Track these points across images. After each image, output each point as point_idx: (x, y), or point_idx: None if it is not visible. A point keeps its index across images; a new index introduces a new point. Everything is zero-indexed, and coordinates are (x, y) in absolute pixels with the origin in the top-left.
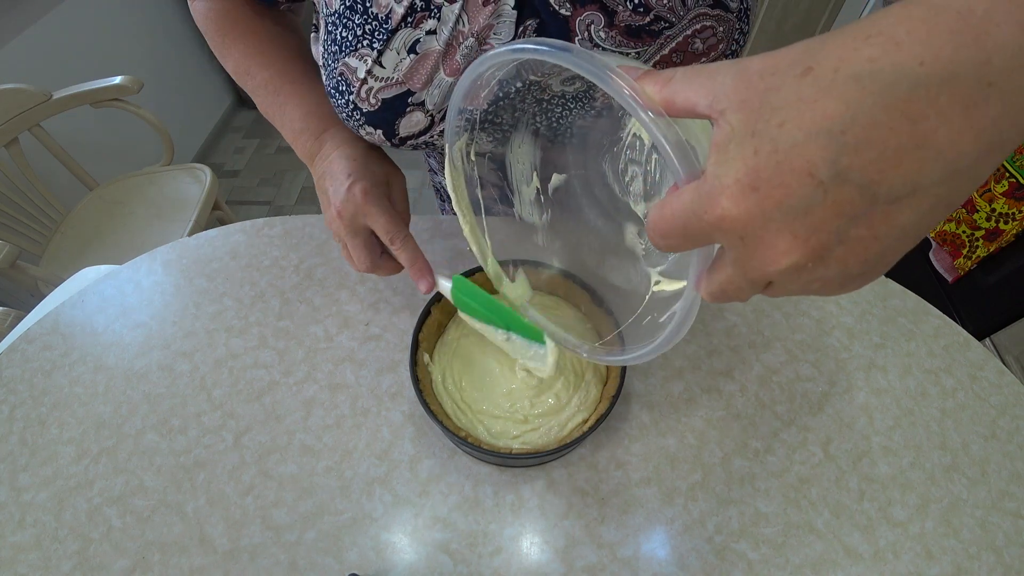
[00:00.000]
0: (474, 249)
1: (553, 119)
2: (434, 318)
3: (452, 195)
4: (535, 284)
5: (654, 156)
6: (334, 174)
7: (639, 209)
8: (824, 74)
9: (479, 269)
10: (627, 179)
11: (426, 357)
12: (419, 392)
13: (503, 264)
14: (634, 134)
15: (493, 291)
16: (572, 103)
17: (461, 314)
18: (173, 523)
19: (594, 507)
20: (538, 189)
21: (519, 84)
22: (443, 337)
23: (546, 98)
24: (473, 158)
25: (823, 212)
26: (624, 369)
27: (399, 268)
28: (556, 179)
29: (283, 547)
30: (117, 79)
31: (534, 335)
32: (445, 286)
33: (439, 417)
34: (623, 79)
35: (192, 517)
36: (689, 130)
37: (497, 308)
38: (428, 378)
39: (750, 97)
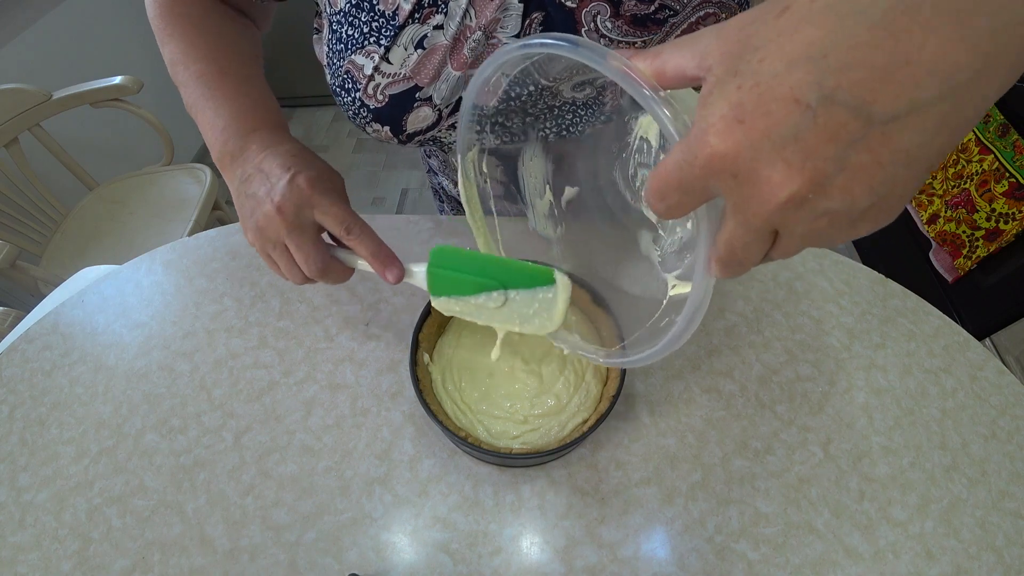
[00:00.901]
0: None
1: (563, 126)
2: (434, 318)
3: (466, 207)
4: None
5: (662, 156)
6: (267, 172)
7: (651, 214)
8: (800, 8)
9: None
10: (638, 184)
11: (426, 357)
12: (419, 392)
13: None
14: (641, 136)
15: None
16: (582, 110)
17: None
18: (173, 523)
19: (594, 507)
20: (551, 202)
21: (531, 88)
22: (443, 337)
23: (557, 104)
24: (485, 170)
25: (814, 137)
26: (624, 370)
27: (350, 272)
28: (569, 192)
29: (283, 547)
30: (117, 79)
31: (536, 277)
32: (417, 271)
33: (439, 417)
34: (616, 58)
35: (192, 517)
36: (684, 103)
37: (487, 265)
38: (428, 378)
39: (731, 46)
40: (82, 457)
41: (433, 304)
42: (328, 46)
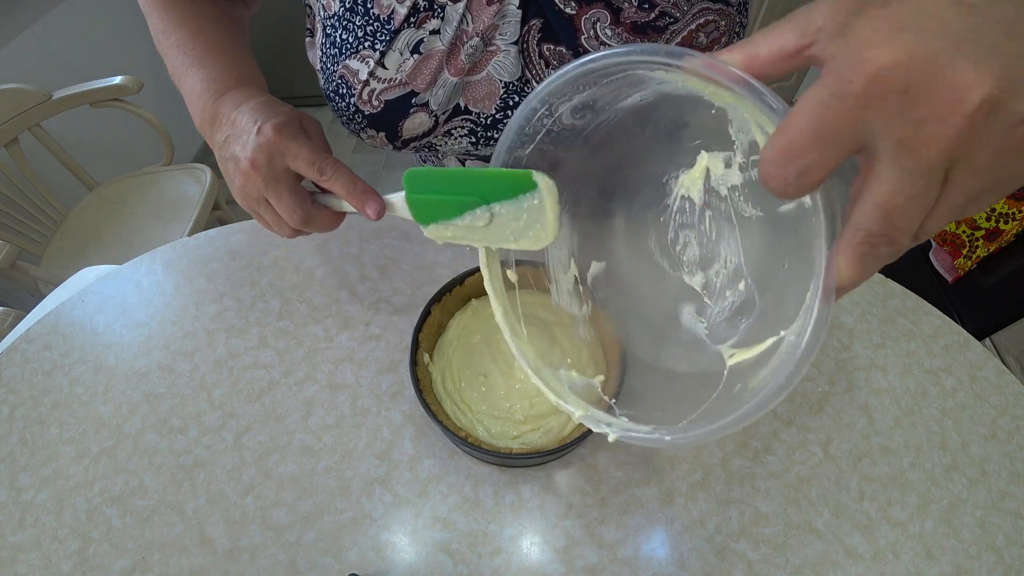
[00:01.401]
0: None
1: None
2: (434, 318)
3: (484, 272)
4: (534, 285)
5: (707, 213)
6: (239, 130)
7: (695, 281)
8: None
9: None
10: (679, 248)
11: (426, 357)
12: (419, 392)
13: (503, 264)
14: (682, 196)
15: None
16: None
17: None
18: (173, 523)
19: (594, 507)
20: (576, 277)
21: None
22: (443, 337)
23: (555, 129)
24: None
25: (992, 32)
26: (624, 369)
27: (337, 218)
28: (595, 267)
29: (283, 547)
30: (117, 79)
31: (516, 184)
32: (396, 201)
33: (439, 417)
34: (696, 55)
35: (192, 517)
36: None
37: (463, 180)
38: (428, 378)
39: (843, 2)
40: (82, 457)
41: (425, 234)
42: (321, 50)
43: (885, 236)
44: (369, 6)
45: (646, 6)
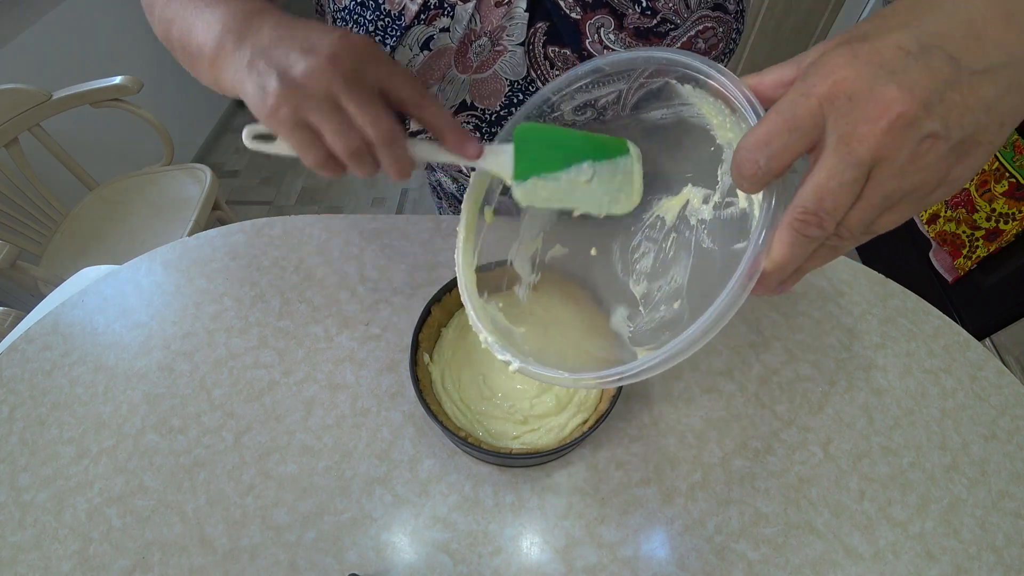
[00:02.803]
0: (458, 264)
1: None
2: (434, 318)
3: (464, 206)
4: (535, 286)
5: (672, 235)
6: (303, 33)
7: (638, 290)
8: (887, 12)
9: (485, 268)
10: (636, 256)
11: (426, 357)
12: (419, 392)
13: (500, 263)
14: (657, 216)
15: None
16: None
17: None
18: (173, 523)
19: (594, 507)
20: (537, 250)
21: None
22: (443, 337)
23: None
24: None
25: (917, 72)
26: (618, 395)
27: (410, 163)
28: (557, 250)
29: (283, 547)
30: (117, 79)
31: (614, 147)
32: (495, 148)
33: (439, 417)
34: (723, 71)
35: (192, 517)
36: None
37: (574, 136)
38: (428, 378)
39: (830, 44)
40: (82, 457)
41: (515, 193)
42: None
43: (816, 216)
44: (380, 1)
45: (648, 12)
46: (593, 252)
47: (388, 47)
